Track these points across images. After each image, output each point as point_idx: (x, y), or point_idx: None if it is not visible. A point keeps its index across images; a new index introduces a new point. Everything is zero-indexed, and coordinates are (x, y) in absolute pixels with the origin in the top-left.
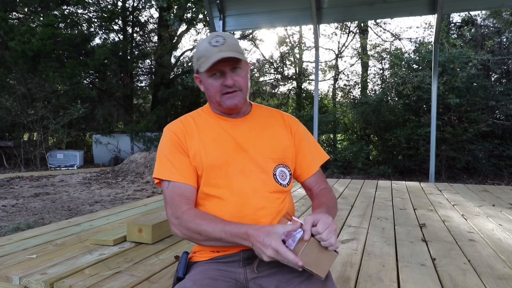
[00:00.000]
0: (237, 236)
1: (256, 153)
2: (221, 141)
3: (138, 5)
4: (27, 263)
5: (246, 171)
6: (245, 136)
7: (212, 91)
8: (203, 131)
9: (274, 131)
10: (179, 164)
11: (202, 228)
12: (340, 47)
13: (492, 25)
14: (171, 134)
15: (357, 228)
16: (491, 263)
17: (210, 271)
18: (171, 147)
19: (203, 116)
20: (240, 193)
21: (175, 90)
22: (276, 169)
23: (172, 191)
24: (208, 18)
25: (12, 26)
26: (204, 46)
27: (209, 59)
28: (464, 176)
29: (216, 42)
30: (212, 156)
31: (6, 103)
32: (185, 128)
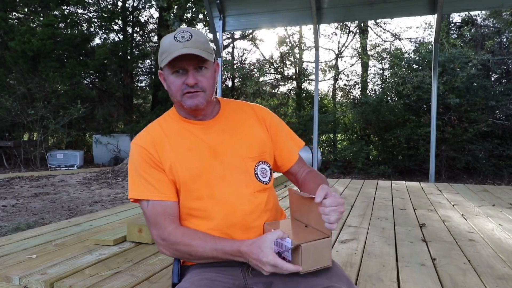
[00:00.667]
0: (230, 254)
1: (234, 155)
2: (195, 149)
3: (138, 5)
4: (27, 263)
5: (227, 177)
6: (218, 139)
7: (173, 89)
8: (174, 141)
9: (248, 127)
10: (154, 180)
11: (192, 249)
12: (340, 47)
13: (492, 25)
14: (140, 149)
15: (357, 228)
16: (491, 263)
17: (208, 272)
18: (143, 164)
19: (170, 122)
20: (225, 202)
21: None
22: (257, 167)
23: (153, 210)
24: (208, 18)
25: (12, 26)
26: (168, 41)
27: (171, 54)
28: (464, 176)
29: (181, 38)
30: (189, 167)
31: (6, 103)
32: (155, 140)
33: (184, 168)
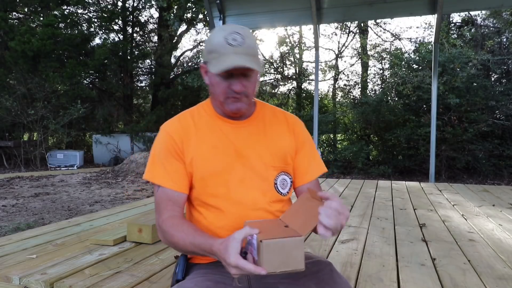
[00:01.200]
0: (206, 251)
1: (257, 160)
2: (220, 147)
3: (138, 5)
4: (27, 263)
5: (246, 180)
6: (245, 141)
7: (218, 91)
8: (202, 135)
9: (277, 135)
10: (172, 169)
11: (175, 240)
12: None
13: (492, 25)
14: (167, 137)
15: (357, 228)
16: (491, 263)
17: (212, 274)
18: (166, 152)
19: (203, 115)
20: (240, 205)
21: (175, 90)
22: (278, 177)
23: (160, 196)
24: (208, 18)
25: (12, 26)
26: (218, 41)
27: (221, 58)
28: (464, 176)
29: (233, 41)
30: (211, 164)
31: (6, 103)
32: (183, 131)
33: (206, 163)
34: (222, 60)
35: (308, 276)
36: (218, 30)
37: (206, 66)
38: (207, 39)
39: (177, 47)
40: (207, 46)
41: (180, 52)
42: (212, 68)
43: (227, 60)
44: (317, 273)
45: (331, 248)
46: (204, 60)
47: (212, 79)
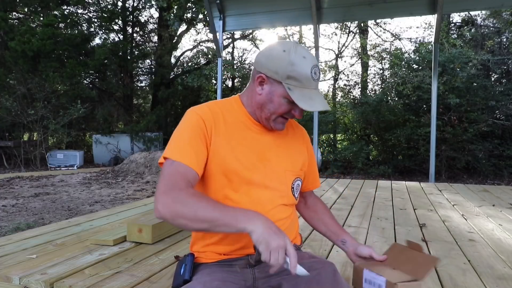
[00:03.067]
0: (238, 216)
1: (278, 164)
2: (248, 146)
3: (138, 5)
4: (27, 263)
5: (267, 182)
6: (269, 145)
7: (277, 110)
8: (231, 130)
9: (295, 144)
10: (195, 150)
11: (200, 205)
12: (340, 47)
13: (492, 25)
14: (198, 119)
15: (357, 228)
16: (491, 263)
17: (219, 273)
18: (194, 133)
19: (233, 111)
20: (258, 204)
21: (175, 90)
22: (294, 182)
23: (175, 169)
24: (208, 18)
25: (12, 26)
26: (305, 72)
27: (306, 93)
28: (464, 176)
29: (315, 75)
30: (237, 159)
31: (6, 103)
32: (213, 119)
33: (233, 158)
34: (308, 96)
35: (310, 272)
36: (303, 57)
37: (270, 78)
38: (289, 58)
39: (177, 47)
40: (288, 67)
41: (180, 52)
42: (298, 100)
43: (315, 99)
44: (319, 271)
45: (331, 248)
46: (276, 77)
47: (274, 97)
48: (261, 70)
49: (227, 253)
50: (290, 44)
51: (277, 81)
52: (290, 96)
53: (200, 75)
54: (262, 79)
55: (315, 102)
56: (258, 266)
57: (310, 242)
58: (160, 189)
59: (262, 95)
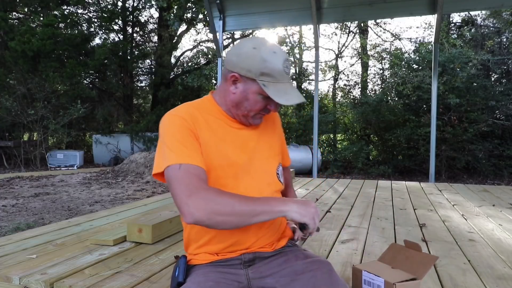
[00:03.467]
0: (275, 203)
1: (262, 153)
2: (229, 140)
3: (138, 5)
4: (27, 263)
5: (252, 172)
6: (250, 136)
7: (253, 107)
8: (212, 127)
9: (270, 130)
10: (192, 147)
11: (235, 200)
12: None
13: (492, 25)
14: (180, 119)
15: (357, 228)
16: (491, 263)
17: (212, 273)
18: (182, 131)
19: (210, 111)
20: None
21: (175, 90)
22: (278, 168)
23: (188, 171)
24: (208, 18)
25: (12, 26)
26: (277, 67)
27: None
28: (464, 176)
29: (287, 69)
30: (222, 155)
31: (6, 103)
32: (193, 116)
33: (218, 154)
34: (283, 91)
35: (306, 275)
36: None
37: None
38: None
39: (177, 47)
40: (261, 64)
41: (180, 52)
42: (274, 96)
43: (290, 93)
44: (315, 272)
45: (331, 248)
46: (244, 74)
47: (249, 94)
48: (233, 69)
49: (220, 252)
50: (259, 41)
51: (250, 78)
52: (265, 92)
53: (200, 75)
54: (235, 78)
55: (291, 96)
56: (252, 267)
57: (310, 242)
58: (184, 194)
59: (237, 94)
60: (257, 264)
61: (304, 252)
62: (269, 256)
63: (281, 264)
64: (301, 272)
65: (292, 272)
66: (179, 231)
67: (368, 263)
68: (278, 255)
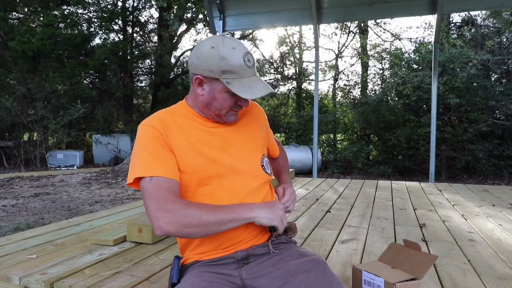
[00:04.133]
0: (242, 211)
1: (241, 147)
2: (205, 140)
3: (138, 5)
4: (27, 263)
5: (236, 167)
6: (228, 132)
7: (222, 105)
8: (185, 130)
9: (250, 122)
10: (162, 158)
11: (197, 214)
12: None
13: (492, 25)
14: (151, 130)
15: (357, 228)
16: (491, 263)
17: (206, 274)
18: (152, 142)
19: (183, 116)
20: (233, 192)
21: (175, 90)
22: (263, 159)
23: (157, 185)
24: (208, 18)
25: (12, 26)
26: (238, 62)
27: (245, 82)
28: (464, 176)
29: (248, 61)
30: (201, 155)
31: (6, 103)
32: (164, 124)
33: (196, 156)
34: (248, 85)
35: (300, 276)
36: (232, 48)
37: (207, 78)
38: (219, 55)
39: (177, 47)
40: (220, 62)
41: (180, 52)
42: (239, 92)
43: (256, 86)
44: (309, 273)
45: (331, 248)
46: (207, 74)
47: (216, 94)
48: (196, 72)
49: (212, 250)
50: (217, 39)
51: (214, 78)
52: (230, 89)
53: None
54: (200, 80)
55: (257, 89)
56: (246, 267)
57: (310, 242)
58: (153, 207)
59: (204, 95)
60: (251, 264)
61: (299, 250)
62: (263, 253)
63: (275, 264)
64: (295, 273)
65: (286, 273)
66: None
67: (368, 263)
68: (272, 254)
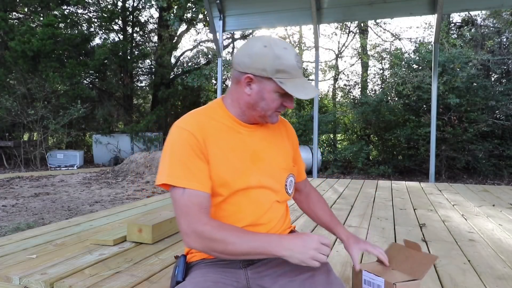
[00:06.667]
0: (270, 245)
1: (271, 162)
2: (238, 150)
3: (138, 5)
4: (27, 263)
5: (262, 182)
6: (260, 144)
7: (270, 105)
8: (221, 137)
9: (281, 139)
10: (197, 169)
11: (227, 241)
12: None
13: (492, 25)
14: (188, 135)
15: (357, 228)
16: (491, 263)
17: (211, 274)
18: (189, 151)
19: (220, 118)
20: (257, 203)
21: (175, 90)
22: (287, 179)
23: (189, 200)
24: (208, 18)
25: (12, 26)
26: (291, 63)
27: (298, 82)
28: (464, 176)
29: (299, 63)
30: (232, 166)
31: (6, 103)
32: (202, 130)
33: (228, 166)
34: (300, 86)
35: (304, 275)
36: (286, 46)
37: (258, 77)
38: (273, 54)
39: (177, 47)
40: (274, 61)
41: (180, 52)
42: (293, 92)
43: (307, 87)
44: (313, 273)
45: (331, 248)
46: (259, 73)
47: (265, 94)
48: (246, 71)
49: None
50: (267, 39)
51: (265, 78)
52: (283, 89)
53: (200, 75)
54: (250, 79)
55: (308, 90)
56: (251, 267)
57: None
58: (183, 224)
59: (252, 95)
60: (257, 263)
61: None
62: None
63: (280, 264)
64: (300, 273)
65: (290, 272)
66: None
67: (368, 263)
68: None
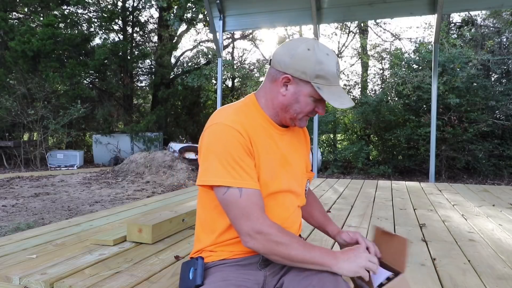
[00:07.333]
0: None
1: (296, 168)
2: (272, 153)
3: (138, 5)
4: (27, 263)
5: (290, 186)
6: (288, 148)
7: (302, 109)
8: (258, 139)
9: (301, 144)
10: (249, 168)
11: (289, 245)
12: (340, 47)
13: (492, 25)
14: (235, 133)
15: (357, 228)
16: (491, 263)
17: (232, 276)
18: (239, 149)
19: (256, 118)
20: (283, 206)
21: (175, 90)
22: (307, 184)
23: (248, 200)
24: (208, 18)
25: (12, 26)
26: (332, 70)
27: (335, 91)
28: (464, 176)
29: (338, 71)
30: (266, 170)
31: (6, 103)
32: (246, 128)
33: (267, 168)
34: (337, 94)
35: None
36: (327, 55)
37: (296, 78)
38: (316, 58)
39: (177, 47)
40: (317, 66)
41: (180, 52)
42: (329, 99)
43: (343, 96)
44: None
45: (331, 248)
46: (298, 75)
47: (300, 97)
48: (286, 71)
49: (239, 252)
50: (312, 42)
51: (304, 81)
52: (320, 95)
53: (200, 75)
54: (287, 80)
55: (344, 99)
56: (269, 267)
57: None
58: (246, 225)
59: (287, 96)
60: (272, 263)
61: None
62: None
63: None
64: (311, 273)
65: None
66: (179, 231)
67: None
68: None
